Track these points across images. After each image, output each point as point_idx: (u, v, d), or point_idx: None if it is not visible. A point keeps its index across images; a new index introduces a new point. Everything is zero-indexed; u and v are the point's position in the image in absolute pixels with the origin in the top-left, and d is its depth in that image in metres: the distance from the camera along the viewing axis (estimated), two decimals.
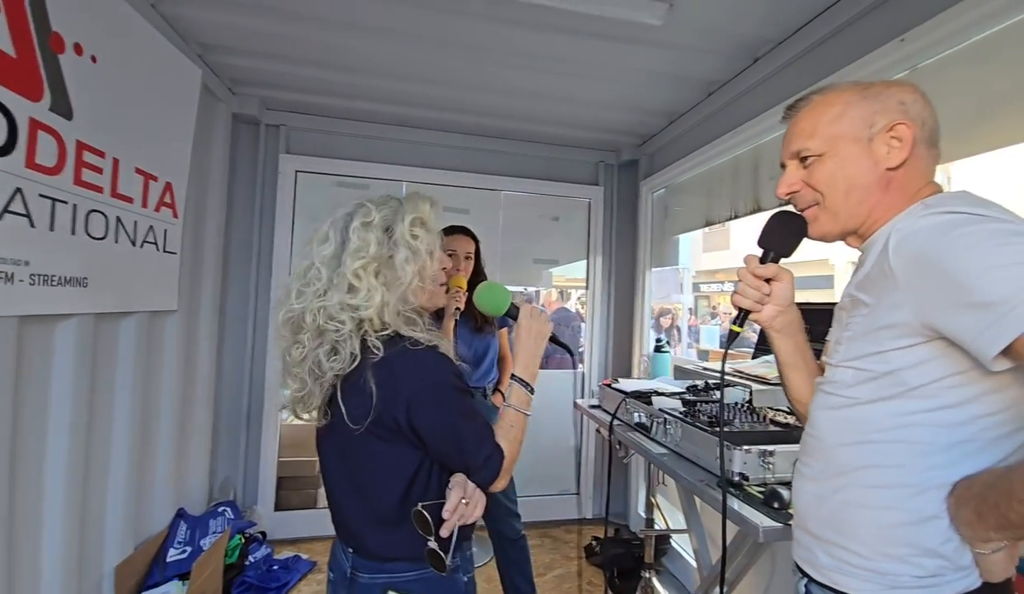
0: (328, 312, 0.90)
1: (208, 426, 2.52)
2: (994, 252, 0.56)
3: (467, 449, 0.91)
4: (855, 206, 0.77)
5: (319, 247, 0.95)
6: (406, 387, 0.87)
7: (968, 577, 0.64)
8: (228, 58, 2.25)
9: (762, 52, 2.04)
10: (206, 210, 2.43)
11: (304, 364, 0.91)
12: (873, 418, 0.69)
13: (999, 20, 1.26)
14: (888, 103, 0.74)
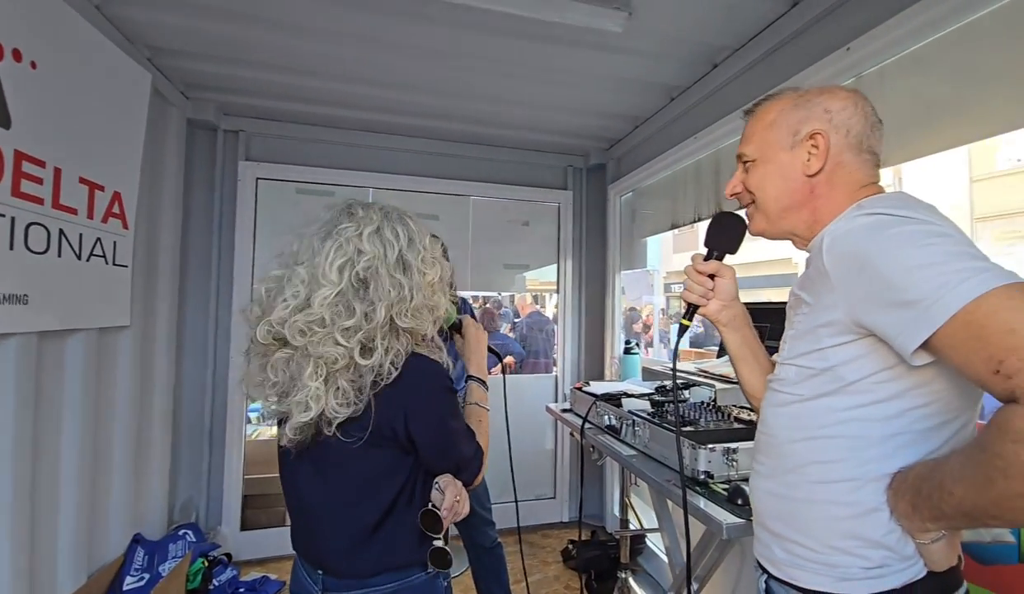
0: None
1: (166, 446, 2.40)
2: (915, 253, 0.58)
3: (458, 449, 0.94)
4: (783, 209, 0.82)
5: (326, 289, 0.87)
6: (403, 397, 0.86)
7: (913, 567, 0.66)
8: (180, 62, 2.17)
9: (720, 58, 2.10)
10: (160, 220, 2.32)
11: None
12: (816, 414, 0.72)
13: (936, 30, 1.33)
14: (814, 111, 0.79)
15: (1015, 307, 0.51)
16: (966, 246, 0.58)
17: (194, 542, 2.34)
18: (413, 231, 0.93)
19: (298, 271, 0.86)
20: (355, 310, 0.83)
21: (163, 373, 2.36)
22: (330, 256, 0.85)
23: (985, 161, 8.38)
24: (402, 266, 0.89)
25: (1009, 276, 0.53)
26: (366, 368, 0.83)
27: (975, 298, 0.52)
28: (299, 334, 0.82)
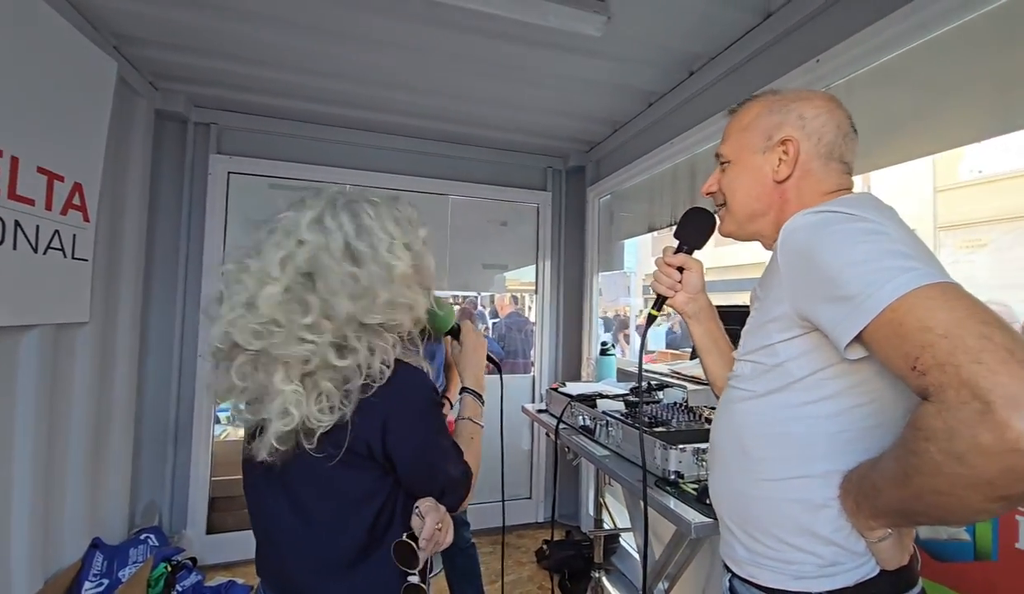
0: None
1: (127, 447, 2.32)
2: (853, 250, 0.59)
3: (442, 471, 0.85)
4: (752, 213, 0.83)
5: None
6: (383, 410, 0.77)
7: (866, 565, 0.66)
8: (148, 51, 2.10)
9: (696, 66, 2.13)
10: (124, 213, 2.24)
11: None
12: (768, 411, 0.72)
13: (901, 45, 1.38)
14: (788, 117, 0.79)
15: (932, 306, 0.52)
16: (902, 245, 0.58)
17: (156, 546, 2.26)
18: (366, 217, 0.81)
19: (248, 265, 0.78)
20: (310, 306, 0.74)
21: (125, 371, 2.28)
22: (271, 250, 0.77)
23: (948, 172, 8.74)
24: (351, 256, 0.78)
25: (934, 276, 0.54)
26: (349, 369, 0.75)
27: (899, 296, 0.53)
28: (253, 337, 0.74)
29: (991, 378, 0.46)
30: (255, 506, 0.87)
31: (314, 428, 0.73)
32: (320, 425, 0.73)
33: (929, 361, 0.50)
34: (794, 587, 0.68)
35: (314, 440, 0.74)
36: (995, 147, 8.02)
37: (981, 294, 1.10)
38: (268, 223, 0.82)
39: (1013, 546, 1.06)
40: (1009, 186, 8.09)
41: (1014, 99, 1.16)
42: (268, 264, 0.76)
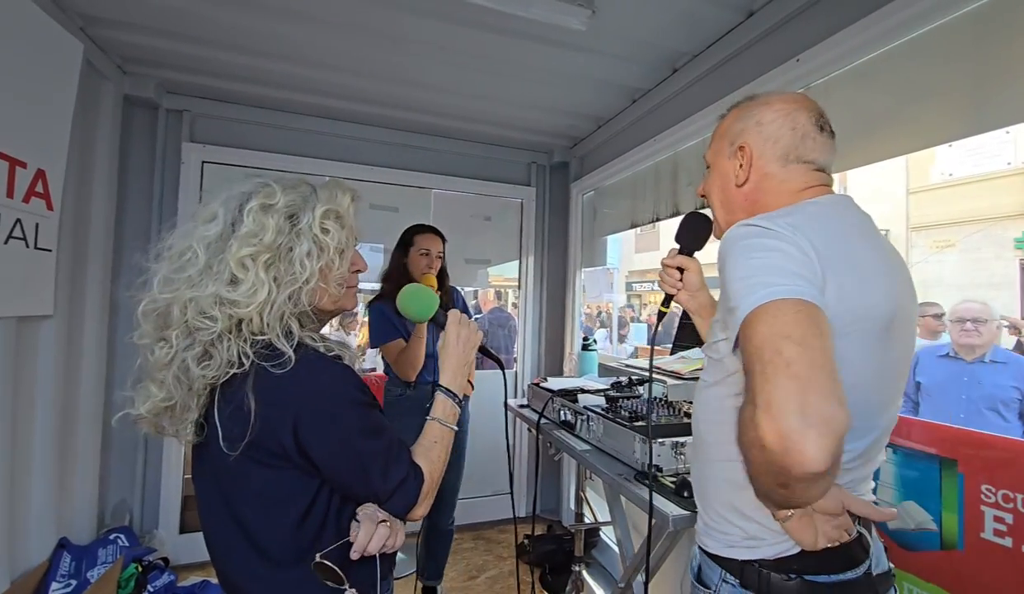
0: (200, 305, 0.73)
1: (95, 444, 2.24)
2: (741, 265, 0.65)
3: (373, 474, 0.77)
4: (726, 214, 0.88)
5: (203, 227, 0.78)
6: (293, 403, 0.72)
7: (786, 541, 0.71)
8: (117, 33, 2.02)
9: (680, 63, 2.14)
10: (91, 202, 2.16)
11: (170, 368, 0.74)
12: (711, 399, 0.80)
13: (877, 47, 1.40)
14: (747, 124, 0.84)
15: (762, 320, 0.58)
16: (785, 261, 0.63)
17: (126, 546, 2.20)
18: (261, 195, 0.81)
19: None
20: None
21: (92, 366, 2.20)
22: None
23: (921, 175, 9.01)
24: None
25: (783, 292, 0.59)
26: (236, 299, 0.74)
27: (749, 312, 0.59)
28: (163, 284, 0.78)
29: (762, 386, 0.54)
30: (196, 496, 0.84)
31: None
32: (202, 377, 0.73)
33: (747, 367, 0.58)
34: (726, 554, 0.77)
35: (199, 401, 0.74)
36: (964, 151, 8.29)
37: (950, 292, 1.14)
38: (241, 196, 0.81)
39: (978, 536, 1.10)
40: (976, 189, 8.38)
41: (985, 100, 1.19)
42: (252, 233, 0.77)
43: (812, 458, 0.49)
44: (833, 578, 0.70)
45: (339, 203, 0.85)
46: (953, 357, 2.44)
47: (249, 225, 0.77)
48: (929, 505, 1.19)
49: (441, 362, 0.99)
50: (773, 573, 0.71)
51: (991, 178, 8.18)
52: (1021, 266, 7.90)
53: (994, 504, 1.07)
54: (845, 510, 0.69)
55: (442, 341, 1.01)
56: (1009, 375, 2.33)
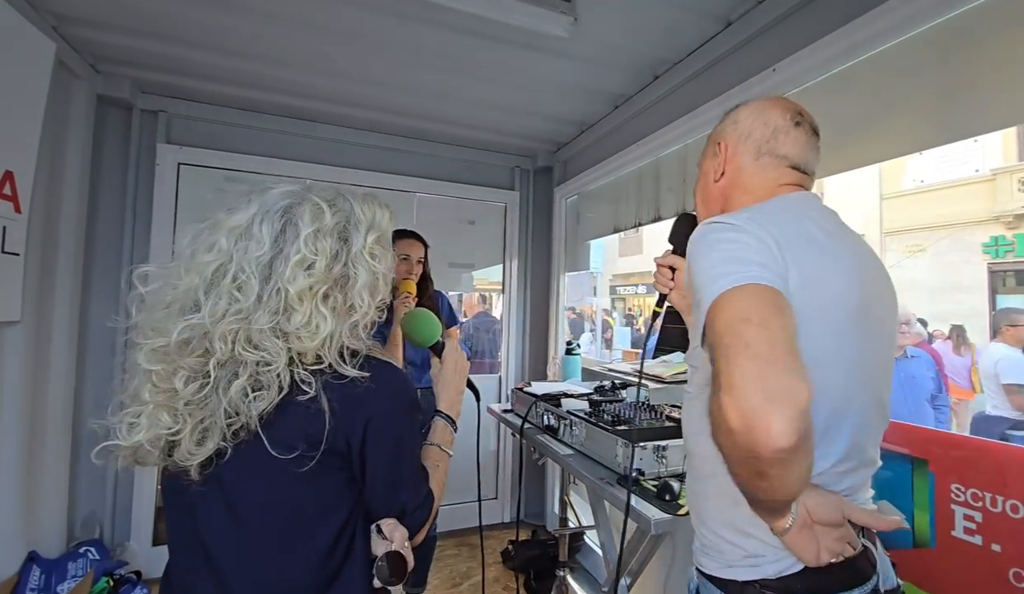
0: (251, 338, 0.67)
1: (64, 454, 2.16)
2: (705, 259, 0.65)
3: (409, 485, 0.79)
4: (704, 211, 0.91)
5: (240, 243, 0.71)
6: (370, 405, 0.72)
7: (788, 558, 0.68)
8: (90, 32, 1.96)
9: (661, 70, 2.17)
10: (61, 204, 2.09)
11: (202, 404, 0.67)
12: (698, 409, 0.76)
13: (849, 58, 1.44)
14: (726, 124, 0.88)
15: (723, 307, 0.58)
16: (740, 250, 0.63)
17: (97, 560, 2.12)
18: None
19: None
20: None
21: (61, 374, 2.12)
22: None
23: (893, 181, 9.29)
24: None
25: (742, 279, 0.59)
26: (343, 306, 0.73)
27: (711, 300, 0.60)
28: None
29: (725, 368, 0.53)
30: (180, 518, 0.73)
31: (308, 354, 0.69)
32: (253, 411, 0.66)
33: (713, 356, 0.57)
34: (726, 575, 0.73)
35: (252, 419, 0.65)
36: (935, 159, 8.58)
37: (922, 296, 1.17)
38: (285, 210, 0.74)
39: (949, 534, 1.13)
40: (946, 195, 8.67)
41: (952, 111, 1.23)
42: (306, 261, 0.71)
43: (778, 432, 0.49)
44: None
45: (381, 225, 0.81)
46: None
47: (303, 251, 0.70)
48: (902, 504, 1.21)
49: (439, 389, 1.01)
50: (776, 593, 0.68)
51: (960, 185, 8.48)
52: (989, 270, 8.19)
53: (964, 503, 1.10)
54: (846, 520, 0.67)
55: (437, 368, 1.04)
56: (924, 366, 2.64)
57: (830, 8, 1.48)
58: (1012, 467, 1.04)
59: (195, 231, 0.75)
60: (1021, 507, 1.01)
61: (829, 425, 0.69)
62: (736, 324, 0.55)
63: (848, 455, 0.71)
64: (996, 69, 1.14)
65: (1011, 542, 1.02)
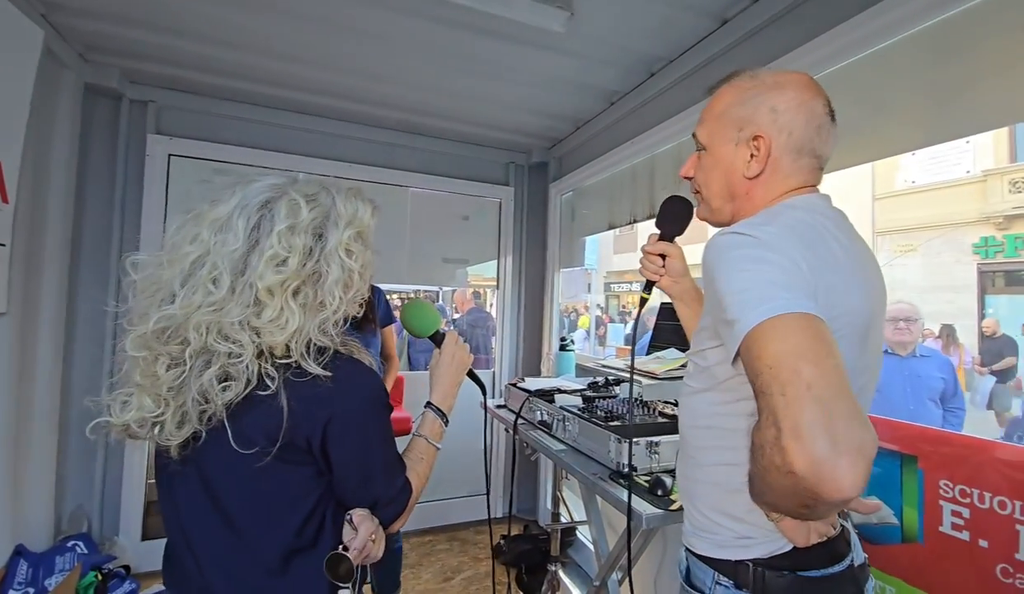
0: (223, 330, 0.69)
1: (51, 447, 2.14)
2: (736, 277, 0.63)
3: (379, 479, 0.80)
4: (722, 203, 0.84)
5: (218, 235, 0.72)
6: (329, 404, 0.72)
7: (778, 540, 0.72)
8: (79, 20, 1.93)
9: (656, 68, 2.17)
10: (48, 194, 2.05)
11: (181, 389, 0.69)
12: (700, 406, 0.79)
13: (843, 58, 1.44)
14: (760, 110, 0.76)
15: (770, 337, 0.56)
16: (779, 272, 0.61)
17: (85, 554, 2.11)
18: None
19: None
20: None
21: (48, 366, 2.09)
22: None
23: (886, 181, 9.37)
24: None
25: (787, 306, 0.57)
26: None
27: (753, 326, 0.57)
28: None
29: (784, 409, 0.52)
30: (172, 508, 0.77)
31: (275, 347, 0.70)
32: (221, 401, 0.68)
33: (760, 386, 0.55)
34: (718, 555, 0.76)
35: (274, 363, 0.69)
36: (927, 160, 8.65)
37: (913, 295, 1.18)
38: (262, 206, 0.74)
39: (937, 530, 1.14)
40: (937, 196, 8.75)
41: (943, 112, 1.24)
42: (278, 257, 0.72)
43: (849, 485, 0.48)
44: (823, 572, 0.71)
45: (362, 221, 0.81)
46: (890, 353, 2.60)
47: (275, 247, 0.71)
48: (891, 500, 1.22)
49: (434, 381, 1.01)
50: (768, 570, 0.71)
51: (951, 186, 8.56)
52: (979, 270, 8.29)
53: (952, 499, 1.11)
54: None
55: (435, 360, 1.03)
56: (934, 366, 2.63)
57: (823, 8, 1.49)
58: (998, 464, 1.05)
59: (180, 221, 0.76)
60: (1008, 503, 1.02)
61: None
62: (791, 359, 0.53)
63: None
64: (986, 71, 1.15)
65: (998, 538, 1.03)
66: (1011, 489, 1.02)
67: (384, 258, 3.08)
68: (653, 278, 1.01)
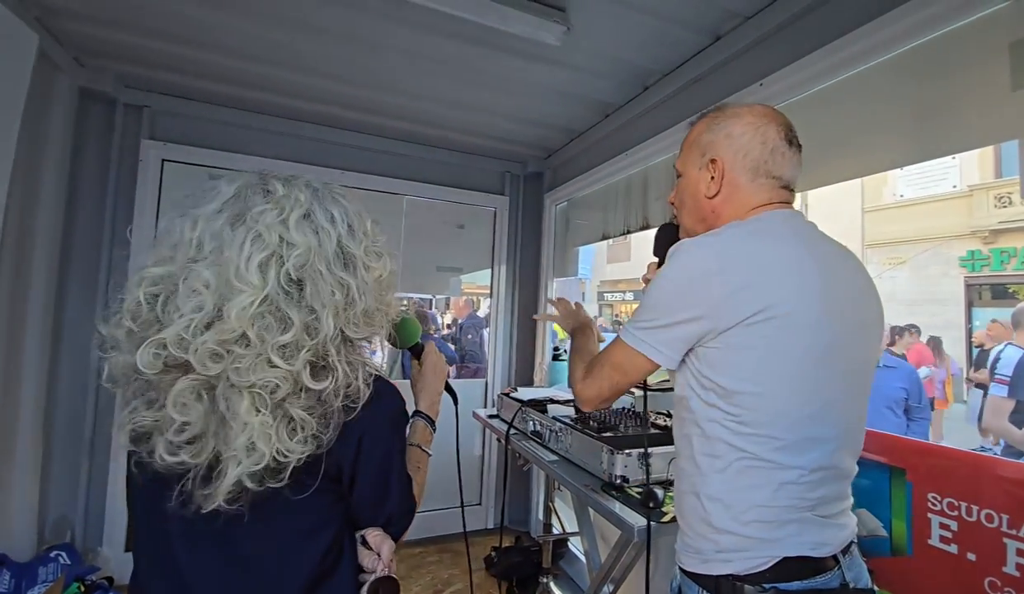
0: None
1: (36, 456, 2.09)
2: (652, 292, 0.82)
3: (395, 495, 0.78)
4: (692, 224, 0.91)
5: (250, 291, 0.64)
6: (360, 427, 0.69)
7: (759, 557, 0.74)
8: (75, 25, 1.92)
9: (651, 81, 2.20)
10: (38, 198, 2.03)
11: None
12: (682, 417, 0.84)
13: (832, 76, 1.47)
14: (718, 136, 0.84)
15: (619, 346, 0.86)
16: (670, 301, 0.78)
17: (68, 565, 2.06)
18: (351, 213, 0.75)
19: (197, 271, 0.62)
20: (292, 321, 0.63)
21: (33, 374, 2.05)
22: (246, 249, 0.63)
23: (875, 195, 9.52)
24: (342, 260, 0.70)
25: (634, 342, 0.82)
26: (327, 392, 0.65)
27: (620, 337, 0.85)
28: (211, 358, 0.60)
29: (575, 382, 0.94)
30: (171, 559, 0.67)
31: (284, 464, 0.62)
32: (290, 459, 0.62)
33: (600, 355, 0.92)
34: (702, 570, 0.78)
35: (284, 476, 0.62)
36: (914, 175, 8.81)
37: (901, 308, 1.21)
38: (220, 211, 0.68)
39: (926, 542, 1.15)
40: (925, 210, 8.91)
41: (929, 130, 1.27)
42: (243, 266, 0.62)
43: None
44: (805, 585, 0.73)
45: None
46: None
47: (328, 284, 0.69)
48: (880, 512, 1.23)
49: (419, 390, 1.03)
50: (747, 585, 0.73)
51: (939, 200, 8.72)
52: (965, 283, 8.42)
53: (940, 512, 1.12)
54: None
55: (416, 370, 1.05)
56: (897, 377, 2.72)
57: (815, 27, 1.52)
58: (986, 477, 1.06)
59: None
60: (995, 516, 1.03)
61: (801, 441, 0.74)
62: (596, 358, 0.92)
63: (818, 469, 0.76)
64: (971, 91, 1.18)
65: (986, 551, 1.04)
66: (999, 502, 1.03)
67: None
68: None
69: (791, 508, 0.74)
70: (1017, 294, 8.01)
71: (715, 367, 0.75)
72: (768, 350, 0.72)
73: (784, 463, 0.73)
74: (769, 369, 0.72)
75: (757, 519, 0.74)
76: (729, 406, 0.74)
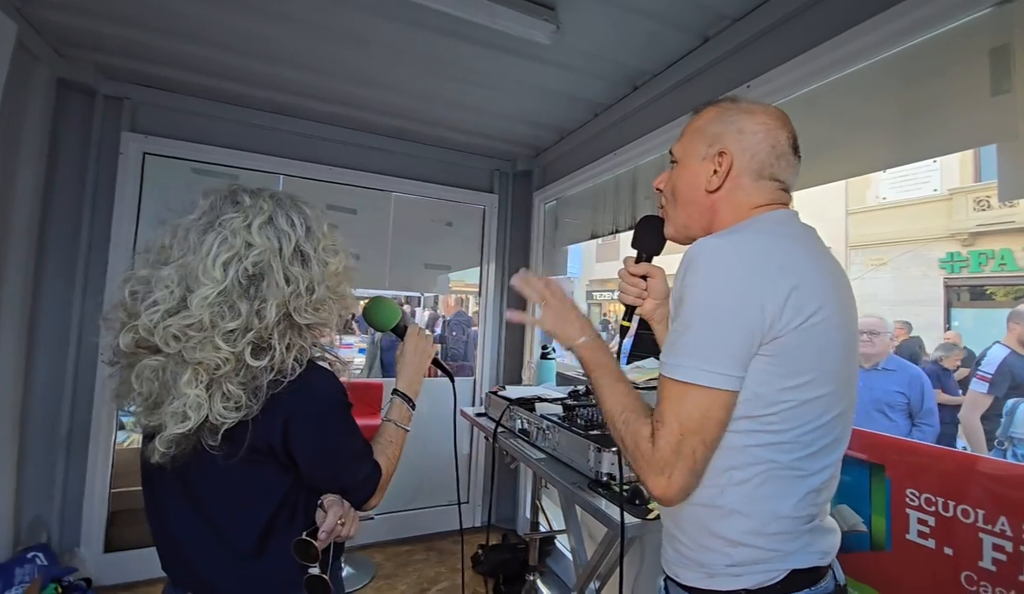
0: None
1: (11, 456, 2.04)
2: (699, 300, 0.69)
3: (346, 471, 0.88)
4: (686, 217, 0.85)
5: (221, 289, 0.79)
6: (285, 406, 0.79)
7: (772, 571, 0.71)
8: (54, 14, 1.87)
9: (640, 82, 2.21)
10: (15, 192, 1.97)
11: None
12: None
13: (819, 78, 1.49)
14: (729, 128, 0.80)
15: (674, 390, 0.70)
16: (721, 327, 0.68)
17: (45, 566, 2.02)
18: (310, 218, 0.87)
19: (165, 272, 0.76)
20: (240, 310, 0.75)
21: (8, 370, 2.00)
22: (213, 251, 0.76)
23: (858, 197, 9.68)
24: (300, 258, 0.82)
25: (695, 377, 0.69)
26: (261, 368, 0.76)
27: (669, 377, 0.70)
28: (172, 340, 0.73)
29: (643, 463, 0.72)
30: (153, 505, 0.86)
31: (218, 425, 0.74)
32: (224, 422, 0.74)
33: (657, 412, 0.72)
34: (707, 585, 0.73)
35: (218, 437, 0.75)
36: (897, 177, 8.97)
37: (883, 308, 1.23)
38: (197, 221, 0.80)
39: (904, 537, 1.17)
40: (906, 213, 9.08)
41: (911, 134, 1.29)
42: (208, 265, 0.75)
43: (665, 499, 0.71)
44: (811, 591, 0.71)
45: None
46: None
47: (279, 279, 0.81)
48: (860, 508, 1.25)
49: (400, 369, 1.09)
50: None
51: (919, 203, 8.90)
52: (945, 284, 8.61)
53: (918, 507, 1.15)
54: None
55: (400, 350, 1.10)
56: (895, 380, 2.67)
57: (801, 31, 1.54)
58: (961, 473, 1.08)
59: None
60: (971, 512, 1.05)
61: (827, 445, 0.73)
62: (679, 422, 0.68)
63: (832, 470, 0.75)
64: (952, 96, 1.20)
65: (962, 546, 1.06)
66: (974, 498, 1.05)
67: (365, 263, 3.05)
68: (635, 303, 0.96)
69: (808, 517, 0.72)
70: (994, 296, 8.21)
71: (755, 375, 0.68)
72: (819, 352, 0.69)
73: (810, 470, 0.70)
74: (820, 370, 0.69)
75: (780, 531, 0.70)
76: (764, 414, 0.69)
